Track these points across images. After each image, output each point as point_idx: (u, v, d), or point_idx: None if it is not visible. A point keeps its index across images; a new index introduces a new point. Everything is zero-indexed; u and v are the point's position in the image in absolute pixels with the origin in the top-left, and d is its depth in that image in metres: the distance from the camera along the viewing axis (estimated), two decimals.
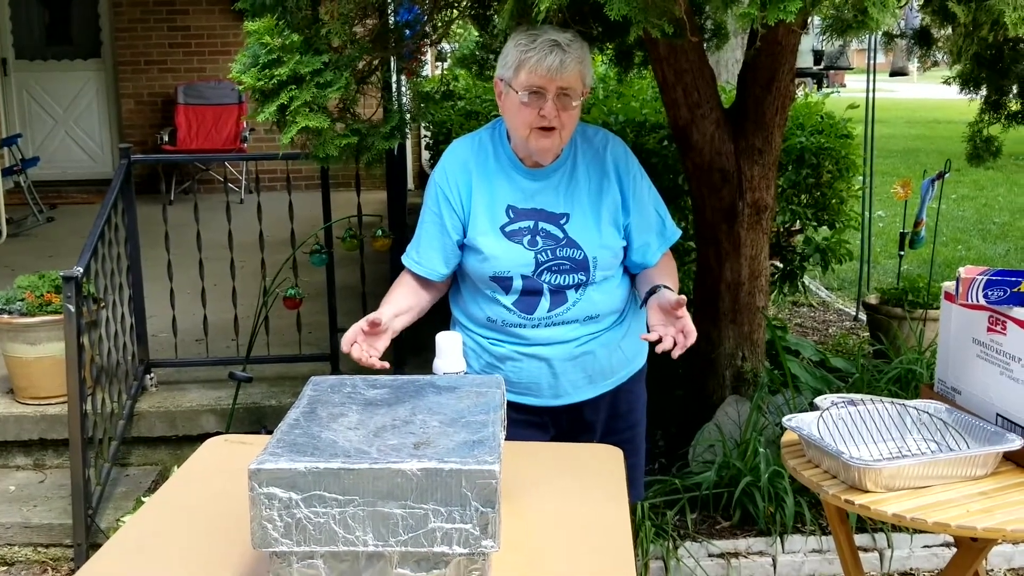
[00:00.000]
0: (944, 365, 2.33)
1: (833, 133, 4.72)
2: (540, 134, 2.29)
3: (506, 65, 2.29)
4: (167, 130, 9.44)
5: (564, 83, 2.23)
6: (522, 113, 2.27)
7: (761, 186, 3.60)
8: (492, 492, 1.58)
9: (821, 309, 6.63)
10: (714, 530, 3.57)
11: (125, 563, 1.84)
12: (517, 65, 2.25)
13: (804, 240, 5.03)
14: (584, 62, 2.28)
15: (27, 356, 3.80)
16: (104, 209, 3.66)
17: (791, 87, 3.55)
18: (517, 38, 2.28)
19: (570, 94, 2.26)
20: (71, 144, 9.80)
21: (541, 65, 2.21)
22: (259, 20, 2.71)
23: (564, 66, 2.21)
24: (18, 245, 7.26)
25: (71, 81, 9.88)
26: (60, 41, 9.85)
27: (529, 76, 2.24)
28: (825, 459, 2.07)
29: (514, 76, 2.27)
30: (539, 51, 2.22)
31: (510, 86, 2.29)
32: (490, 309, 2.45)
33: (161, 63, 9.64)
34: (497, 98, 2.38)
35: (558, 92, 2.24)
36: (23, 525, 3.48)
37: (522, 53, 2.24)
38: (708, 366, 3.89)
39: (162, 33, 9.54)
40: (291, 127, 2.65)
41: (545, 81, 2.23)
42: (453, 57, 9.47)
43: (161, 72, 9.66)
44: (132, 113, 9.77)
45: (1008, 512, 1.87)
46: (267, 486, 1.58)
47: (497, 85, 2.36)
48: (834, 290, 7.13)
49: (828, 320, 6.35)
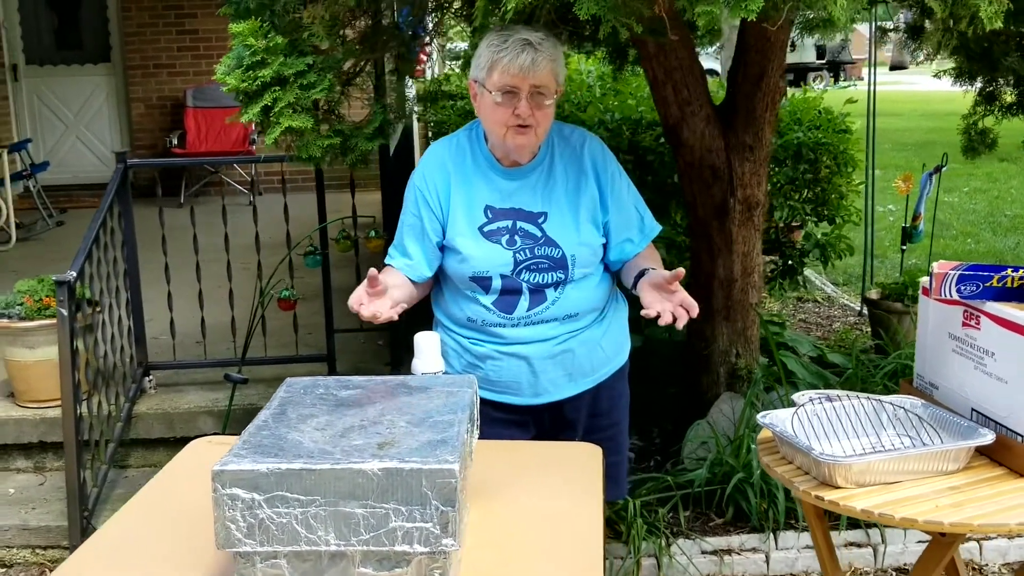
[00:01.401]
0: (922, 360, 2.33)
1: (831, 128, 4.71)
2: (516, 132, 2.30)
3: (479, 66, 2.31)
4: (176, 133, 9.50)
5: (537, 81, 2.25)
6: (497, 113, 2.29)
7: (752, 182, 3.60)
8: (452, 491, 1.59)
9: (826, 304, 6.60)
10: (707, 527, 3.57)
11: (101, 563, 1.86)
12: (490, 65, 2.27)
13: (804, 236, 5.03)
14: (556, 61, 2.29)
15: (26, 360, 3.84)
16: (100, 213, 3.70)
17: (781, 83, 3.54)
18: (489, 39, 2.29)
19: (544, 92, 2.27)
20: (82, 148, 9.87)
21: (513, 64, 2.23)
22: (243, 23, 2.73)
23: (536, 65, 2.23)
24: (27, 249, 7.33)
25: (81, 86, 9.95)
26: (70, 46, 9.92)
27: (502, 76, 2.25)
28: (797, 455, 2.08)
29: (487, 76, 2.28)
30: (511, 51, 2.24)
31: (484, 87, 2.30)
32: (470, 309, 2.46)
33: (170, 67, 9.70)
34: (472, 100, 2.39)
35: (531, 91, 2.26)
36: (21, 527, 3.52)
37: (494, 53, 2.26)
38: (702, 363, 3.89)
39: (171, 37, 9.60)
40: (275, 128, 2.67)
41: (518, 80, 2.24)
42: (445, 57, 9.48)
43: (170, 76, 9.73)
44: (142, 117, 9.84)
45: (977, 506, 1.87)
46: (230, 487, 1.60)
47: (472, 87, 2.37)
48: (840, 285, 7.11)
49: (833, 315, 6.33)
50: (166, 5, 9.53)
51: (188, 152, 9.33)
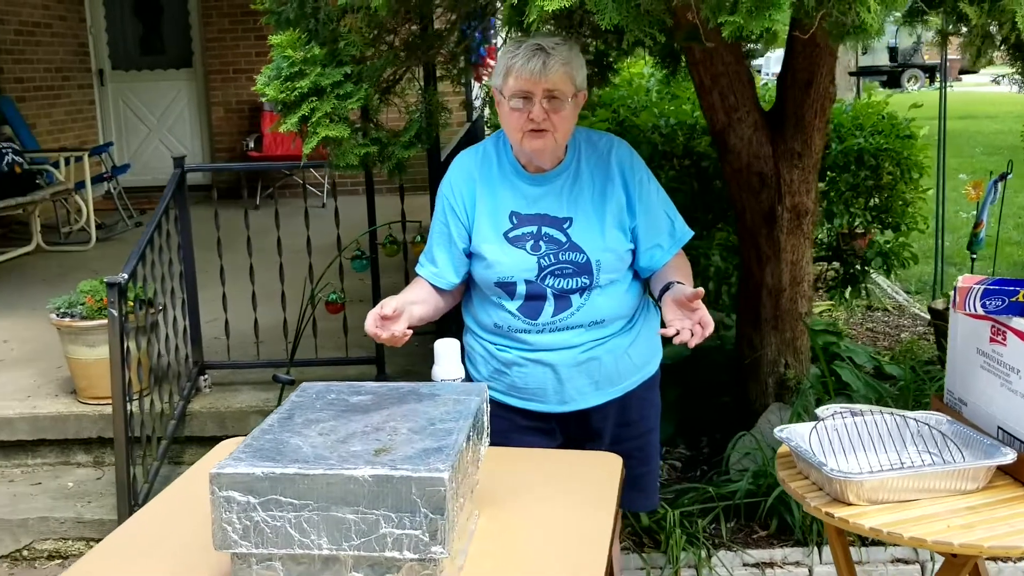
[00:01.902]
0: (952, 376, 2.27)
1: (894, 134, 4.60)
2: (531, 136, 2.31)
3: (497, 73, 2.34)
4: (253, 137, 9.71)
5: (550, 85, 2.26)
6: (513, 118, 2.31)
7: (801, 190, 3.53)
8: (441, 499, 1.60)
9: (896, 314, 6.43)
10: (750, 539, 3.52)
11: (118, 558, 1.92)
12: (505, 72, 2.29)
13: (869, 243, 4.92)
14: (571, 64, 2.29)
15: (87, 358, 3.97)
16: (155, 217, 3.80)
17: (831, 89, 3.48)
18: (506, 46, 2.32)
19: (558, 96, 2.27)
20: (164, 151, 10.13)
21: (524, 69, 2.25)
22: (282, 34, 2.78)
23: (547, 68, 2.24)
24: (106, 249, 7.56)
25: (164, 90, 10.24)
26: (153, 52, 10.21)
27: (515, 81, 2.27)
28: (812, 471, 2.04)
29: (503, 83, 2.31)
30: (523, 56, 2.26)
31: (502, 94, 2.33)
32: (497, 315, 2.48)
33: (248, 72, 9.91)
34: (496, 107, 2.41)
35: (545, 94, 2.27)
36: (76, 520, 3.64)
37: (508, 60, 2.28)
38: (750, 372, 3.84)
39: (249, 43, 9.81)
40: (312, 138, 2.72)
41: (530, 84, 2.26)
42: None
43: (248, 81, 9.86)
44: (221, 120, 10.08)
45: (990, 528, 1.81)
46: (226, 489, 1.63)
47: (494, 94, 2.39)
48: (912, 293, 6.93)
49: (902, 325, 6.17)
50: (244, 12, 9.73)
51: (264, 155, 9.52)
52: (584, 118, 4.59)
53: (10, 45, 8.35)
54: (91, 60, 9.90)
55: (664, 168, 4.54)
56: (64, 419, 4.02)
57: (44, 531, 3.67)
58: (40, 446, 4.09)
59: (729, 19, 1.94)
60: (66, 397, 4.15)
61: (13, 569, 3.61)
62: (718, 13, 1.95)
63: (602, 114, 4.61)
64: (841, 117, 4.65)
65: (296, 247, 4.30)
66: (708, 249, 4.56)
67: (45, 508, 3.74)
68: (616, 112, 4.66)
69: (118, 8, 10.06)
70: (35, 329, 5.01)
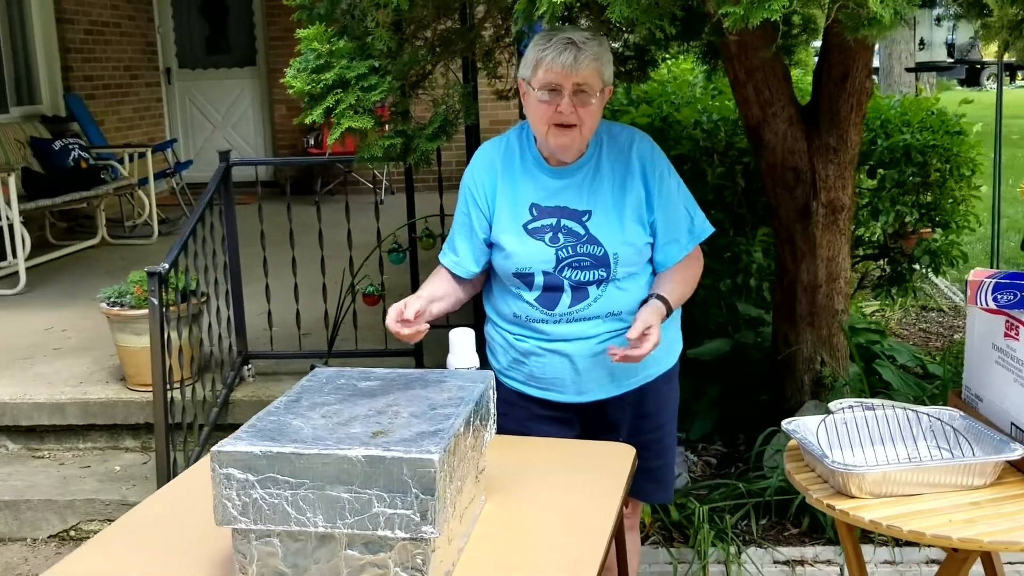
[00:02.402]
0: (969, 372, 2.24)
1: (942, 130, 4.52)
2: (558, 131, 2.34)
3: (526, 64, 2.35)
4: (314, 134, 9.86)
5: (580, 79, 2.27)
6: (540, 110, 2.33)
7: (837, 185, 3.50)
8: (432, 480, 1.63)
9: (951, 314, 6.32)
10: (781, 537, 3.50)
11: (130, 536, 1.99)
12: (535, 64, 2.31)
13: (918, 242, 4.84)
14: (601, 59, 2.30)
15: (135, 346, 4.08)
16: (198, 209, 3.90)
17: (868, 84, 3.44)
18: (536, 39, 2.34)
19: (587, 90, 2.29)
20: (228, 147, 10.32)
21: (556, 62, 2.26)
22: (311, 28, 2.84)
23: (578, 63, 2.26)
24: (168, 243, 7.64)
25: (228, 88, 10.45)
26: (219, 51, 10.43)
27: (545, 74, 2.29)
28: (817, 464, 2.03)
29: (532, 75, 2.33)
30: (554, 49, 2.28)
31: (530, 85, 2.35)
32: (515, 305, 2.51)
33: None
34: (522, 98, 2.43)
35: (574, 89, 2.28)
36: (121, 503, 3.74)
37: (539, 52, 2.30)
38: (786, 370, 3.81)
39: None
40: (336, 129, 2.77)
41: (561, 78, 2.27)
42: None
43: None
44: (284, 118, 10.24)
45: (992, 523, 1.79)
46: (226, 467, 1.69)
47: (520, 85, 2.42)
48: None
49: (956, 326, 6.05)
50: None
51: (323, 152, 9.66)
52: (626, 113, 4.59)
53: (80, 44, 8.59)
54: (159, 59, 10.15)
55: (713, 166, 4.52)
56: (113, 405, 4.14)
57: (90, 512, 3.79)
58: (90, 431, 4.22)
59: (731, 10, 1.94)
60: (116, 384, 4.27)
61: (60, 548, 3.74)
62: (722, 4, 1.95)
63: (645, 109, 4.61)
64: (888, 113, 4.58)
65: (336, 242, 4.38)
66: (751, 246, 4.53)
67: (92, 490, 3.86)
68: (660, 108, 4.65)
69: (185, 8, 10.29)
70: (93, 319, 5.16)
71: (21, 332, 5.20)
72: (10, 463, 4.14)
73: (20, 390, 4.26)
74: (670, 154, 4.54)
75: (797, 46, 3.92)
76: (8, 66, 7.95)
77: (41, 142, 7.53)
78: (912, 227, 4.69)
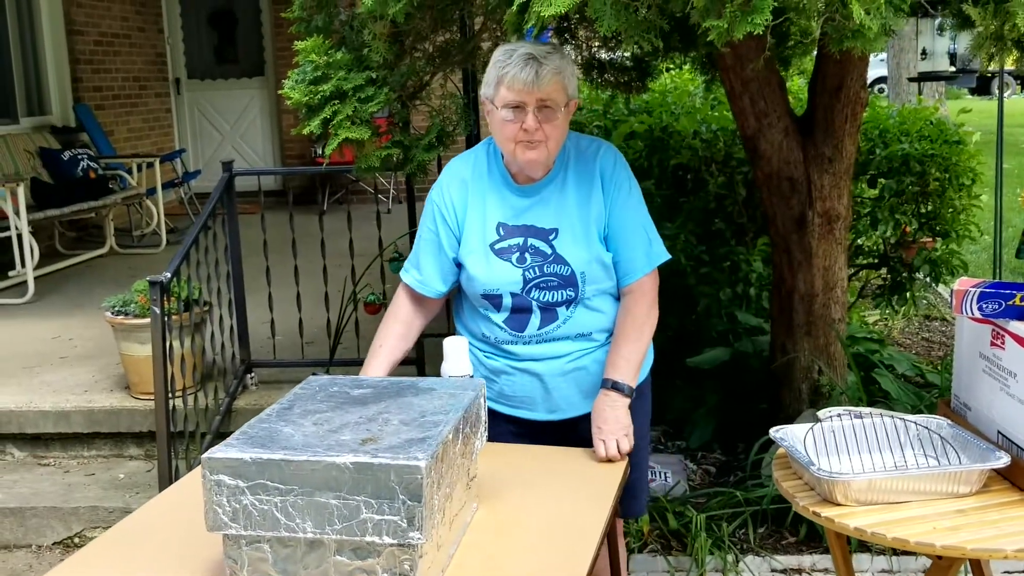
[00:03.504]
0: (957, 380, 2.27)
1: (941, 139, 4.54)
2: (525, 147, 2.30)
3: (487, 83, 2.32)
4: (321, 143, 9.90)
5: (543, 95, 2.25)
6: (505, 129, 2.29)
7: (833, 195, 3.52)
8: (419, 487, 1.66)
9: (954, 324, 6.32)
10: (779, 545, 3.52)
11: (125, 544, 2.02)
12: (496, 82, 2.28)
13: (917, 251, 4.86)
14: (563, 72, 2.27)
15: (139, 354, 4.12)
16: (201, 218, 3.94)
17: (863, 94, 3.46)
18: (496, 55, 2.31)
19: (551, 106, 2.26)
20: (236, 157, 10.41)
21: (517, 79, 2.23)
22: (309, 40, 2.88)
23: (540, 78, 2.23)
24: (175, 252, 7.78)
25: (237, 98, 10.53)
26: (227, 61, 10.51)
27: (508, 92, 2.26)
28: (804, 471, 2.06)
29: (495, 93, 2.29)
30: (515, 65, 2.24)
31: (493, 103, 2.31)
32: (484, 326, 2.48)
33: None
34: (486, 116, 2.39)
35: (538, 105, 2.25)
36: (124, 510, 3.77)
37: (499, 69, 2.27)
38: (784, 379, 3.83)
39: None
40: (333, 140, 2.81)
41: (523, 95, 2.24)
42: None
43: None
44: (292, 127, 10.25)
45: (975, 531, 1.81)
46: (217, 473, 1.72)
47: (484, 104, 2.37)
48: None
49: None
50: None
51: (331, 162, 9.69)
52: (625, 122, 4.62)
53: (89, 55, 8.67)
54: (168, 69, 10.23)
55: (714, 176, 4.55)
56: (117, 413, 4.18)
57: (94, 519, 3.83)
58: (95, 439, 4.26)
59: (715, 24, 1.97)
60: (120, 392, 4.32)
61: (64, 555, 3.78)
62: (706, 18, 1.98)
63: (643, 118, 4.64)
64: (886, 123, 4.60)
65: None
66: (751, 255, 4.55)
67: (96, 498, 3.90)
68: (660, 118, 4.68)
69: (194, 19, 10.38)
70: (99, 327, 5.20)
71: (28, 340, 5.25)
72: (16, 470, 4.19)
73: (26, 398, 4.31)
74: (669, 163, 4.61)
75: (794, 57, 3.95)
76: (18, 77, 8.03)
77: (50, 152, 7.60)
78: (912, 236, 4.70)
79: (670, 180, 4.57)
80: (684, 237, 4.35)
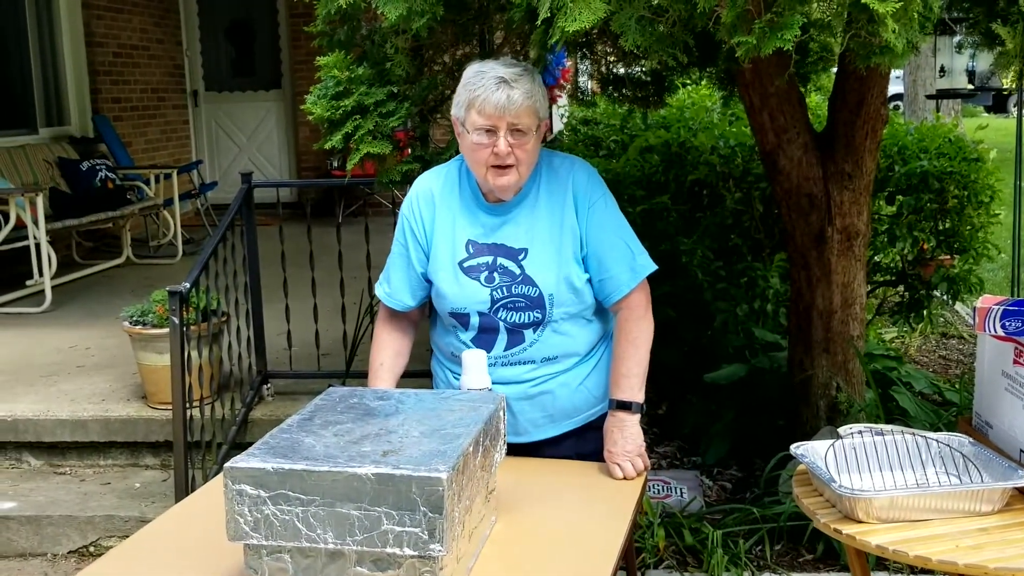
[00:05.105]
0: (979, 398, 2.25)
1: (959, 157, 4.53)
2: (497, 172, 2.28)
3: (458, 104, 2.30)
4: (337, 156, 9.95)
5: (514, 119, 2.22)
6: (477, 153, 2.27)
7: (852, 212, 3.52)
8: (440, 499, 1.66)
9: (972, 341, 6.29)
10: (795, 563, 3.49)
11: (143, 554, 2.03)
12: (467, 105, 2.25)
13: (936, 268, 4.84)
14: (534, 95, 2.24)
15: (156, 364, 4.14)
16: (219, 230, 3.96)
17: (884, 111, 3.46)
18: (467, 74, 2.28)
19: (523, 129, 2.24)
20: (253, 169, 10.42)
21: (488, 103, 2.21)
22: (331, 55, 2.90)
23: (512, 102, 2.20)
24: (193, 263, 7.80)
25: (254, 111, 10.58)
26: (245, 74, 10.56)
27: (479, 116, 2.23)
28: (825, 488, 2.05)
29: (466, 116, 2.27)
30: (486, 89, 2.21)
31: (463, 126, 2.29)
32: (453, 344, 2.47)
33: None
34: (457, 137, 2.37)
35: (510, 128, 2.23)
36: (140, 519, 3.78)
37: (470, 92, 2.24)
38: (802, 395, 3.81)
39: None
40: (355, 154, 2.82)
41: (495, 120, 2.22)
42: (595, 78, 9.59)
43: None
44: (308, 140, 10.34)
45: (999, 549, 1.80)
46: (239, 483, 1.72)
47: (455, 125, 2.36)
48: None
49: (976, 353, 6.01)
50: None
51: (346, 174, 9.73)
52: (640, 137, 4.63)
53: (108, 67, 8.73)
54: (186, 81, 10.29)
55: (731, 191, 4.55)
56: (134, 423, 4.19)
57: (110, 528, 3.83)
58: (111, 448, 4.27)
59: (744, 39, 1.97)
60: (137, 402, 4.33)
61: (80, 564, 3.78)
62: (733, 34, 1.99)
63: (660, 133, 4.64)
64: (905, 139, 4.59)
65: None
66: (768, 271, 4.54)
67: (112, 507, 3.90)
68: (677, 133, 4.69)
69: (212, 32, 10.44)
70: (116, 337, 5.23)
71: (46, 350, 5.27)
72: (32, 479, 4.20)
73: (43, 407, 4.32)
74: (687, 179, 4.61)
75: (814, 73, 3.95)
76: (38, 88, 8.09)
77: (69, 162, 7.65)
78: (930, 254, 4.69)
79: (687, 195, 4.58)
80: (701, 252, 4.35)
